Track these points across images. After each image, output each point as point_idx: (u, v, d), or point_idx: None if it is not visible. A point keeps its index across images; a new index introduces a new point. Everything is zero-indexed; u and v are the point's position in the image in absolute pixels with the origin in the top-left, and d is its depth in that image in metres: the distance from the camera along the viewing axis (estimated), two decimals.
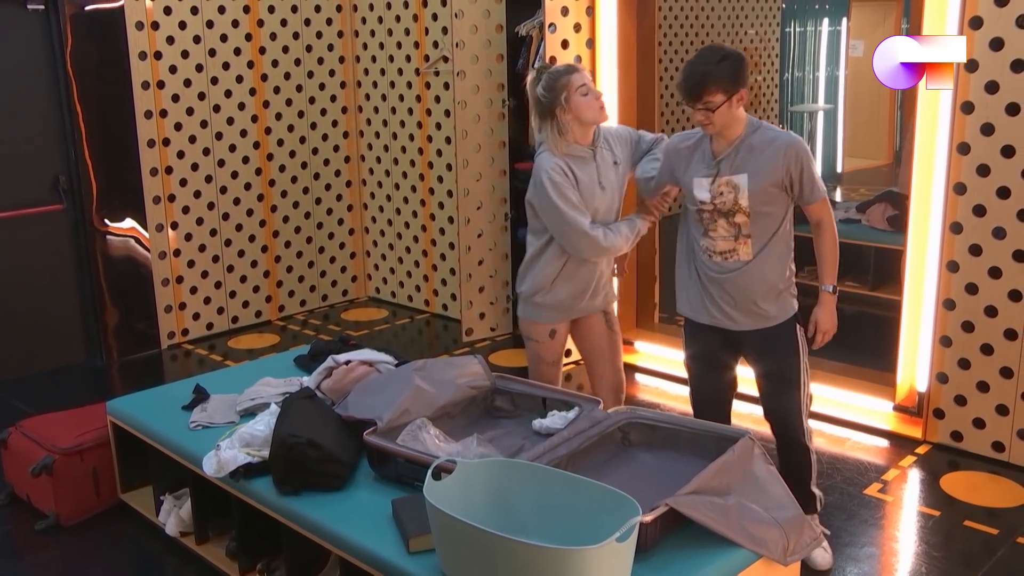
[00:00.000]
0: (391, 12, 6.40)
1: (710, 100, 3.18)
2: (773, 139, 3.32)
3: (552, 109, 3.45)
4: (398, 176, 6.65)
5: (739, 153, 3.31)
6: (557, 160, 3.46)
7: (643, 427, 3.19)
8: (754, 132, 3.33)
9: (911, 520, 3.96)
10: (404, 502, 2.82)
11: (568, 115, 3.45)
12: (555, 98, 3.44)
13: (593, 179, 3.53)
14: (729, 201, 3.33)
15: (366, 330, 6.41)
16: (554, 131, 3.47)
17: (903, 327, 4.56)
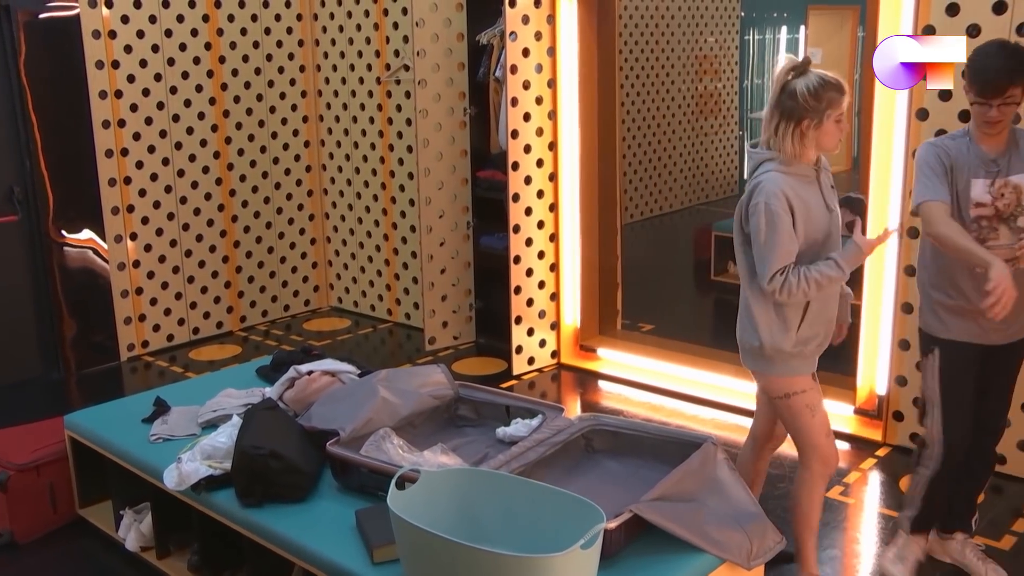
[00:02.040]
0: (351, 21, 6.38)
1: (1013, 94, 2.97)
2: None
3: (803, 117, 2.95)
4: (360, 185, 6.63)
5: (1013, 153, 3.10)
6: (783, 186, 2.95)
7: (606, 434, 3.19)
8: (1015, 132, 3.14)
9: (872, 522, 4.00)
10: (368, 512, 2.81)
11: (812, 132, 2.97)
12: (815, 108, 2.94)
13: (819, 201, 3.06)
14: (1012, 203, 3.07)
15: (329, 340, 6.37)
16: (796, 141, 2.97)
17: (863, 331, 4.60)
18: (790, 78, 3.00)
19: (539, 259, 5.56)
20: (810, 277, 2.93)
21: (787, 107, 2.97)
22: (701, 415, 5.04)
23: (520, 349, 5.58)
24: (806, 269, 2.95)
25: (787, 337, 3.04)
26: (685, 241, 8.30)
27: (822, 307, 3.08)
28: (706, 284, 7.44)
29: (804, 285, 2.93)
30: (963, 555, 3.48)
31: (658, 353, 5.55)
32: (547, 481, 2.67)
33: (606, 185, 5.70)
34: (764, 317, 3.04)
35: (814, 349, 3.12)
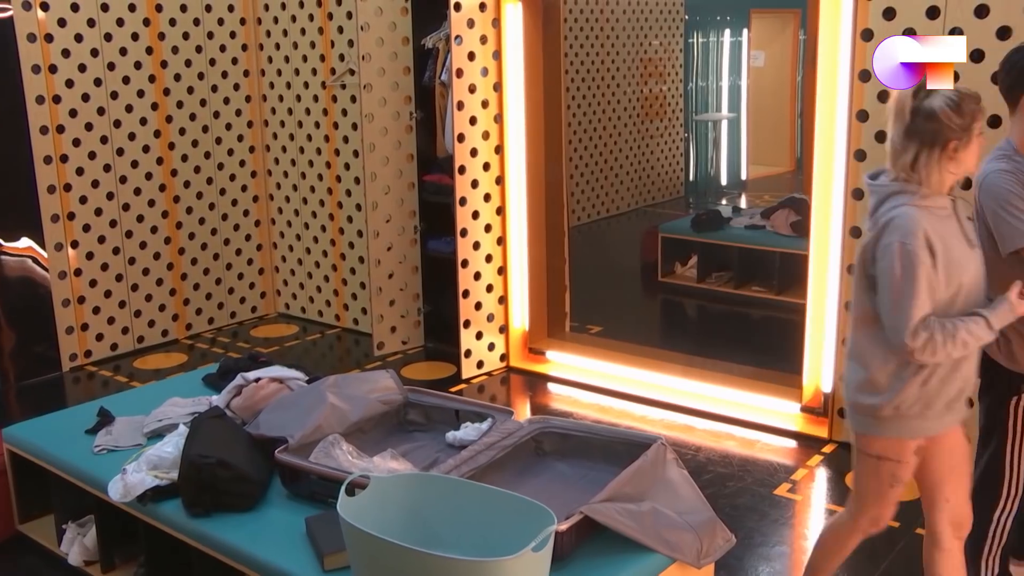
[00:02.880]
0: (296, 25, 6.34)
1: None
2: None
3: (949, 138, 2.53)
4: (306, 190, 6.58)
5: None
6: (922, 223, 2.53)
7: (556, 436, 3.20)
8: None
9: (819, 517, 4.05)
10: (318, 520, 2.79)
11: (962, 153, 2.56)
12: (961, 126, 2.54)
13: (959, 237, 2.62)
14: None
15: (276, 346, 6.32)
16: (943, 168, 2.55)
17: (808, 330, 4.66)
18: (920, 99, 2.59)
19: (487, 263, 5.56)
20: (957, 337, 2.51)
21: (927, 131, 2.54)
22: (650, 416, 5.07)
23: (469, 353, 5.58)
24: (951, 326, 2.52)
25: (912, 395, 2.64)
26: (632, 243, 8.35)
27: (960, 361, 2.65)
28: (653, 285, 7.49)
29: (949, 346, 2.52)
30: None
31: (607, 355, 5.57)
32: (497, 484, 2.67)
33: (553, 188, 5.72)
34: (883, 372, 2.65)
35: (941, 410, 2.69)
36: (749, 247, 7.11)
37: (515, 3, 5.36)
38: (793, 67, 9.84)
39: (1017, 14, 3.81)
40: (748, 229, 7.25)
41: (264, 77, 6.62)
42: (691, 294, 7.28)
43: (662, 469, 2.89)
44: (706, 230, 7.30)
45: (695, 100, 10.16)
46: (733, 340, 6.44)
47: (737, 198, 9.84)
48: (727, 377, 5.15)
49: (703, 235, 7.28)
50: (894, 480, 2.81)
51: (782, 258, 6.81)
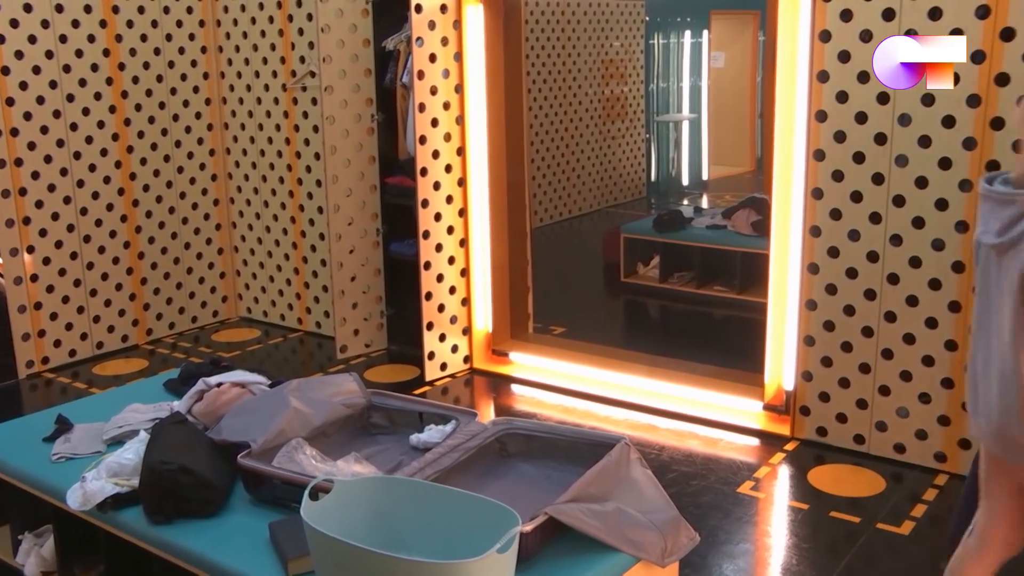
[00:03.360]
0: (256, 27, 6.30)
1: None
2: None
3: None
4: (267, 193, 6.54)
5: None
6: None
7: (520, 437, 3.20)
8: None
9: (782, 515, 4.09)
10: (282, 525, 2.77)
11: None
12: None
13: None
14: None
15: (238, 351, 6.27)
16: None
17: (769, 328, 4.71)
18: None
19: (449, 264, 5.56)
20: None
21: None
22: (614, 416, 5.09)
23: (432, 355, 5.57)
24: None
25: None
26: (595, 244, 8.38)
27: None
28: (616, 286, 7.52)
29: None
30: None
31: (570, 355, 5.59)
32: (462, 486, 2.67)
33: (515, 189, 5.73)
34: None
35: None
36: (711, 247, 7.17)
37: (476, 5, 5.36)
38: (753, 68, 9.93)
39: (969, 16, 3.87)
40: (709, 229, 7.31)
41: (224, 80, 6.58)
42: (653, 294, 7.32)
43: (626, 469, 2.90)
44: (668, 230, 7.34)
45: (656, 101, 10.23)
46: (695, 339, 6.49)
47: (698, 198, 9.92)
48: (690, 376, 5.19)
49: (665, 235, 7.32)
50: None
51: (743, 257, 6.87)
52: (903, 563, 3.69)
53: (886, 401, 4.38)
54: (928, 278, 4.15)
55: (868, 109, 4.17)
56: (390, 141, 5.85)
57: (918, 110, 4.06)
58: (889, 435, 4.40)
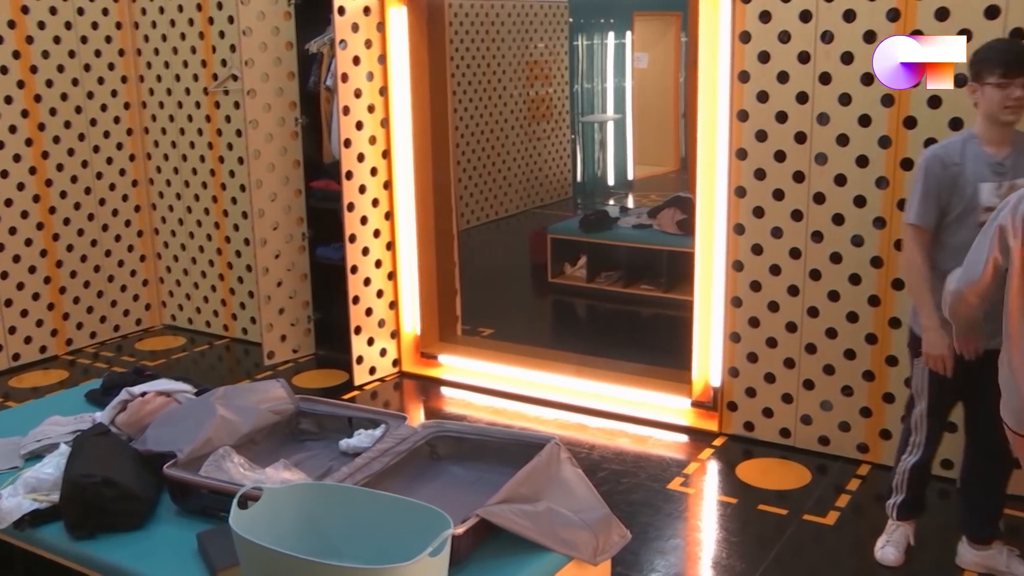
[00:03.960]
0: (175, 30, 6.18)
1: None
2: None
3: None
4: (190, 199, 6.43)
5: (1016, 154, 3.14)
6: None
7: (450, 440, 3.20)
8: (1019, 134, 3.19)
9: (712, 509, 4.15)
10: (210, 535, 2.73)
11: None
12: None
13: None
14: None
15: (163, 359, 6.16)
16: None
17: (696, 326, 4.76)
18: None
19: (376, 268, 5.52)
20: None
21: None
22: (544, 416, 5.11)
23: (361, 359, 5.53)
24: None
25: None
26: (522, 245, 8.40)
27: None
28: (544, 286, 7.55)
29: None
30: (1008, 565, 3.43)
31: (499, 357, 5.60)
32: (393, 491, 2.66)
33: (441, 191, 5.72)
34: None
35: None
36: (637, 246, 7.23)
37: (400, 7, 5.34)
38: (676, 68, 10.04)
39: (881, 19, 3.97)
40: (635, 228, 7.38)
41: (143, 83, 6.45)
42: (581, 294, 7.36)
43: (556, 468, 2.92)
44: (594, 230, 7.39)
45: (581, 102, 10.29)
46: (623, 338, 6.54)
47: (624, 198, 10.00)
48: (619, 375, 5.23)
49: (591, 235, 7.37)
50: None
51: (669, 256, 6.94)
52: (829, 552, 3.77)
53: (810, 395, 4.46)
54: (848, 274, 4.24)
55: (788, 108, 4.25)
56: (314, 145, 5.79)
57: (836, 109, 4.15)
58: (814, 428, 4.49)
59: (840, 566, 3.70)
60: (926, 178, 3.20)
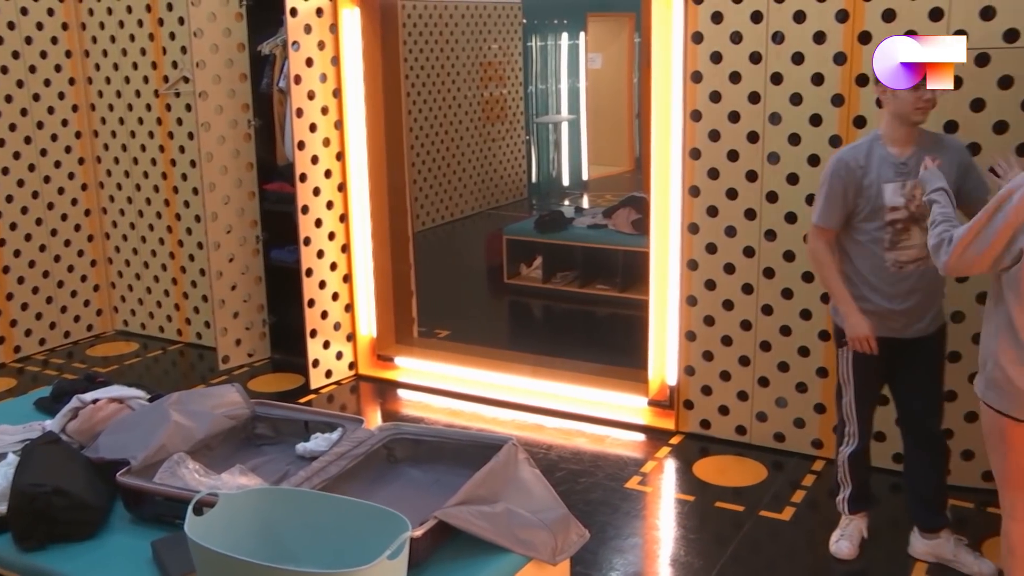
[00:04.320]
0: (124, 31, 6.10)
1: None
2: (941, 138, 3.37)
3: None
4: (141, 202, 6.35)
5: (919, 153, 3.27)
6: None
7: (408, 442, 3.19)
8: (923, 133, 3.32)
9: (669, 507, 4.17)
10: (165, 543, 2.69)
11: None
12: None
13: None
14: (923, 204, 3.21)
15: (115, 365, 6.08)
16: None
17: (651, 325, 4.79)
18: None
19: (332, 271, 5.49)
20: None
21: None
22: (501, 417, 5.11)
23: (317, 363, 5.50)
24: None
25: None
26: (477, 246, 8.40)
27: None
28: (500, 287, 7.55)
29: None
30: (956, 553, 3.53)
31: (455, 358, 5.59)
32: (350, 494, 2.64)
33: (396, 193, 5.70)
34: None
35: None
36: (592, 246, 7.26)
37: (352, 8, 5.31)
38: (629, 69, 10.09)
39: (830, 20, 4.02)
40: (591, 229, 7.40)
41: (92, 85, 6.36)
42: (537, 295, 7.38)
43: (514, 469, 2.91)
44: (550, 231, 7.41)
45: (535, 103, 10.30)
46: (580, 338, 6.56)
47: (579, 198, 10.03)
48: (575, 375, 5.25)
49: (547, 236, 7.38)
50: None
51: (624, 256, 6.97)
52: (785, 547, 3.81)
53: (765, 392, 4.50)
54: (801, 272, 4.29)
55: (740, 108, 4.29)
56: (268, 147, 5.75)
57: (788, 109, 4.19)
58: (769, 425, 4.53)
59: (796, 561, 3.74)
60: (831, 181, 3.34)
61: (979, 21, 3.75)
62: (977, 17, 3.75)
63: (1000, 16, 3.71)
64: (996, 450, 2.92)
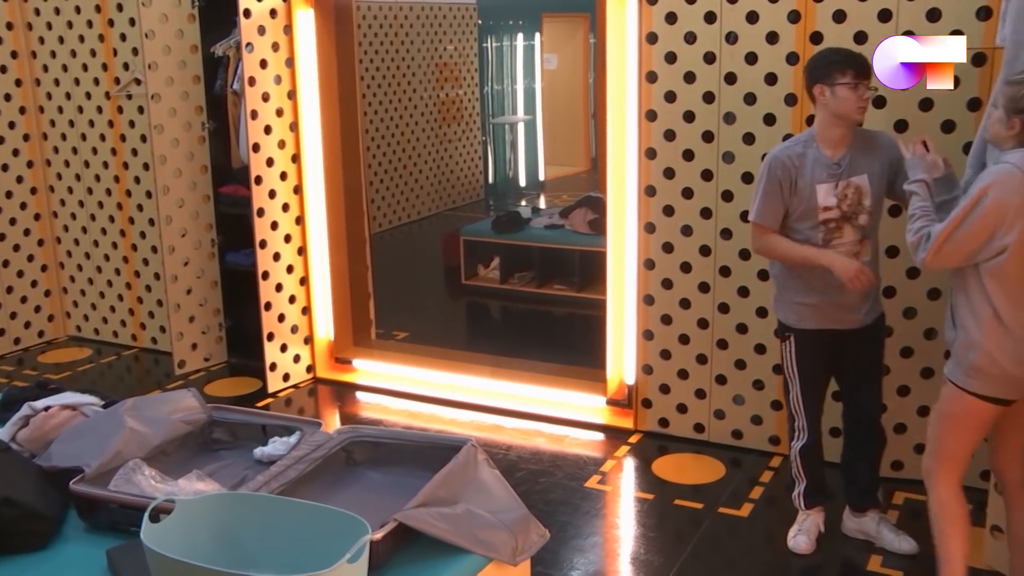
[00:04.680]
0: (73, 32, 6.01)
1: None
2: (872, 135, 3.44)
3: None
4: (93, 206, 6.26)
5: (852, 153, 3.36)
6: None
7: (367, 445, 3.17)
8: (856, 134, 3.40)
9: (629, 506, 4.19)
10: (120, 551, 2.66)
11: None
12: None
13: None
14: (855, 203, 3.32)
15: (68, 372, 5.99)
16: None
17: (609, 324, 4.81)
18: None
19: (288, 273, 5.46)
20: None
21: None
22: (460, 418, 5.11)
23: (274, 366, 5.46)
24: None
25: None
26: (434, 247, 8.39)
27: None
28: (457, 288, 7.55)
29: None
30: (878, 531, 3.67)
31: (414, 360, 5.58)
32: (309, 498, 2.63)
33: (352, 195, 5.68)
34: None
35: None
36: (549, 246, 7.27)
37: (307, 9, 5.28)
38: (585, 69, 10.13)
39: (782, 20, 4.07)
40: (548, 229, 7.42)
41: (39, 87, 6.26)
42: (495, 295, 7.38)
43: (474, 470, 2.91)
44: (507, 231, 7.41)
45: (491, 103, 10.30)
46: (538, 339, 6.57)
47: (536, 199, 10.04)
48: (534, 375, 5.26)
49: (504, 236, 7.39)
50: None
51: (582, 256, 6.99)
52: (744, 544, 3.84)
53: (723, 390, 4.54)
54: (757, 270, 4.32)
55: (695, 108, 4.32)
56: (222, 149, 5.70)
57: (742, 109, 4.23)
58: (727, 422, 4.57)
59: (755, 557, 3.78)
60: (768, 179, 3.42)
61: (926, 23, 3.81)
62: (924, 19, 3.81)
63: (945, 18, 3.78)
64: (965, 432, 3.02)
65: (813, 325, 3.48)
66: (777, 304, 3.59)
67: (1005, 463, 3.14)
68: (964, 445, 3.06)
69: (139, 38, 5.40)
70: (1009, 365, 2.88)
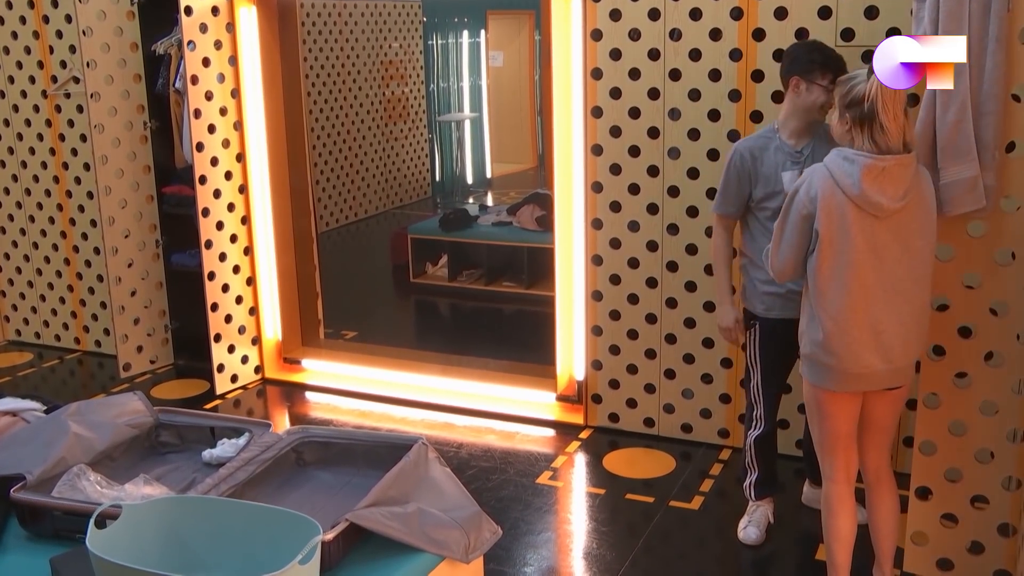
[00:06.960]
0: (5, 28, 5.89)
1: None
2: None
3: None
4: (32, 207, 6.14)
5: (815, 143, 3.43)
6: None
7: (317, 445, 3.15)
8: (819, 126, 3.47)
9: (581, 501, 4.21)
10: (65, 559, 2.61)
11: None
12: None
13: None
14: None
15: (8, 377, 5.87)
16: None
17: (558, 321, 4.83)
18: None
19: (235, 274, 5.40)
20: None
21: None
22: (411, 417, 5.10)
23: (222, 367, 5.40)
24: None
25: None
26: (382, 246, 8.36)
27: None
28: (406, 287, 7.53)
29: None
30: None
31: (363, 359, 5.56)
32: (259, 499, 2.61)
33: (299, 194, 5.63)
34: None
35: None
36: (497, 244, 7.28)
37: (249, 7, 5.23)
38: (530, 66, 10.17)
39: (725, 17, 4.11)
40: (495, 226, 7.42)
41: None
42: (444, 293, 7.37)
43: (425, 469, 2.90)
44: (454, 229, 7.41)
45: (437, 101, 10.29)
46: (487, 336, 6.58)
47: (483, 196, 10.06)
48: (484, 373, 5.26)
49: (452, 234, 7.38)
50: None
51: (530, 253, 7.01)
52: (695, 535, 3.88)
53: (672, 384, 4.58)
54: (704, 264, 4.36)
55: (640, 104, 4.35)
56: (166, 149, 5.61)
57: (686, 105, 4.26)
58: (676, 416, 4.61)
59: (706, 548, 3.82)
60: (729, 171, 3.54)
61: (864, 20, 3.88)
62: (862, 16, 3.88)
63: (883, 16, 3.85)
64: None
65: (778, 314, 3.52)
66: (745, 293, 3.64)
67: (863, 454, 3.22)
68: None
69: (76, 35, 5.30)
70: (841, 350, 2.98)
